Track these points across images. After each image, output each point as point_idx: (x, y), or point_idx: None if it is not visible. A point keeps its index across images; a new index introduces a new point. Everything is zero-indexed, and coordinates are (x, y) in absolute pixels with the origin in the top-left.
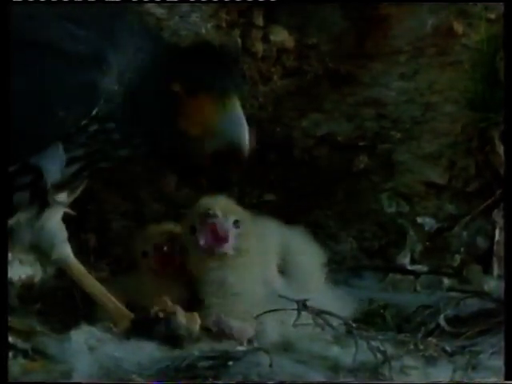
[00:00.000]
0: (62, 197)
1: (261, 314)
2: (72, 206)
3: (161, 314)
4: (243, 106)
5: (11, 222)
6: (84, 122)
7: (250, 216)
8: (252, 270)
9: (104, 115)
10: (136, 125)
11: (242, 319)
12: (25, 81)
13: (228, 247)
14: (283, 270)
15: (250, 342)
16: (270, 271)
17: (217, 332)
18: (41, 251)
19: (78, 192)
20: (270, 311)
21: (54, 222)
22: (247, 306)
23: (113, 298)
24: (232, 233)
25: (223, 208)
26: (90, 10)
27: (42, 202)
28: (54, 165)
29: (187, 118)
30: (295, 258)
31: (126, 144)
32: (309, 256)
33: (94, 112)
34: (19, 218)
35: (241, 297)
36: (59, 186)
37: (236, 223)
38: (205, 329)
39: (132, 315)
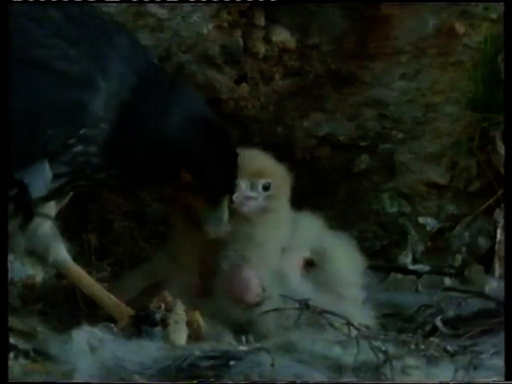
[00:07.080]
0: (48, 208)
1: (263, 313)
2: (72, 206)
3: (160, 312)
4: (245, 107)
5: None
6: (70, 142)
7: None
8: (278, 225)
9: (88, 138)
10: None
11: (256, 269)
12: (15, 98)
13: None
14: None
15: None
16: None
17: (229, 277)
18: (37, 256)
19: (64, 204)
20: (271, 310)
21: (46, 226)
22: (265, 256)
23: (112, 296)
24: (260, 195)
25: (253, 172)
26: (83, 30)
27: (25, 214)
28: (39, 180)
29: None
30: (331, 262)
31: (103, 169)
32: (346, 262)
33: (81, 132)
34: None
35: (261, 247)
36: (44, 200)
37: (265, 187)
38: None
39: (132, 312)
